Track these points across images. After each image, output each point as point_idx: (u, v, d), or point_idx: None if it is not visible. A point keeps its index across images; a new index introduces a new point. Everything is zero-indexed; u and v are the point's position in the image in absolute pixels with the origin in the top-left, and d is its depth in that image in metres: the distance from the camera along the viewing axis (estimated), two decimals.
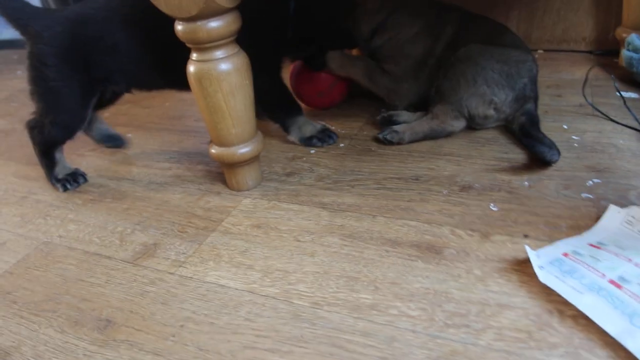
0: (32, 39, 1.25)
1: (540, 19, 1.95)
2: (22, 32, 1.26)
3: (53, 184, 1.39)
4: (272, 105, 1.38)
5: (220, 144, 1.20)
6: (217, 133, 1.18)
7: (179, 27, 1.08)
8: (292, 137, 1.42)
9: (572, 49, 1.95)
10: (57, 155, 1.38)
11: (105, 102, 1.43)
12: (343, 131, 1.49)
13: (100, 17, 1.26)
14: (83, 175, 1.39)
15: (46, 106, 1.29)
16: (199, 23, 1.05)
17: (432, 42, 1.45)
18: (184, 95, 1.84)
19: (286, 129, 1.42)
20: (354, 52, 1.78)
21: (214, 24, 1.05)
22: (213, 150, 1.22)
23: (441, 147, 1.33)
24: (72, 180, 1.37)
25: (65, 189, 1.37)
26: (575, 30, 1.93)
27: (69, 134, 1.33)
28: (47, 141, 1.34)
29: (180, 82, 1.21)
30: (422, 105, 1.47)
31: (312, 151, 1.41)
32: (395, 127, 1.38)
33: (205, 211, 1.19)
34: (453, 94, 1.33)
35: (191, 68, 1.11)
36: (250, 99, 1.16)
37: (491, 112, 1.32)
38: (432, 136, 1.36)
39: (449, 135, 1.36)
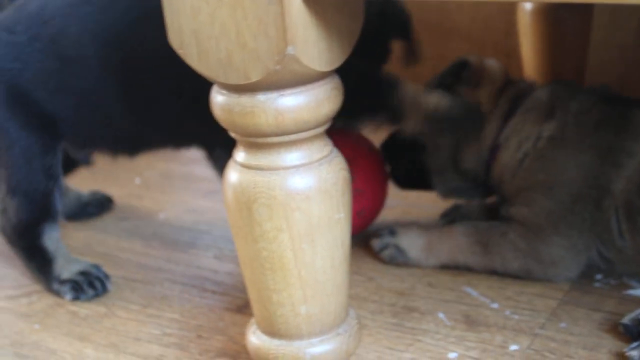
0: None
1: None
2: None
3: (55, 291, 0.99)
4: None
5: (272, 330, 0.66)
6: (269, 309, 0.64)
7: (218, 98, 0.60)
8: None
9: None
10: (48, 243, 0.99)
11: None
12: (516, 317, 0.82)
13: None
14: (101, 280, 0.98)
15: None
16: (261, 97, 0.58)
17: (604, 168, 0.86)
18: (204, 185, 1.18)
19: None
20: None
21: (292, 123, 0.58)
22: (254, 340, 0.68)
23: None
24: (88, 284, 0.97)
25: (76, 298, 0.96)
26: None
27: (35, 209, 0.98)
28: (16, 225, 0.99)
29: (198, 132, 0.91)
30: None
31: None
32: None
33: None
34: None
35: (231, 177, 0.61)
36: (342, 250, 0.63)
37: None
38: None
39: None
